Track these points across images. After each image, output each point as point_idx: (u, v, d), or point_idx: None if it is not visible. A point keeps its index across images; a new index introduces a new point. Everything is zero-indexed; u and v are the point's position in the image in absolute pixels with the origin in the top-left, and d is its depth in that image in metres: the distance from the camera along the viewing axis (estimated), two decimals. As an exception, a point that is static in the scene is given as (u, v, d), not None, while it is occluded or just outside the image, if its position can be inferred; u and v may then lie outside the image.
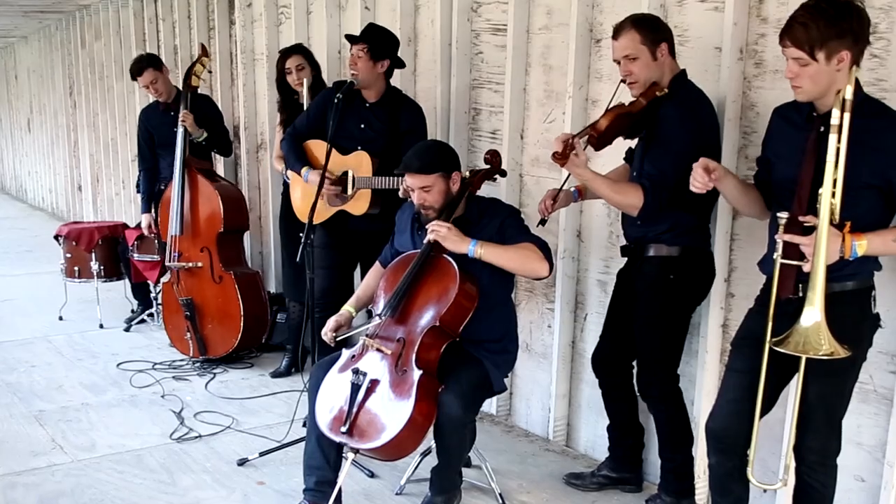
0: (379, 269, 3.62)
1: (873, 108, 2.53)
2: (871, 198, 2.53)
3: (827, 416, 2.64)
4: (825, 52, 2.43)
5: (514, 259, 3.24)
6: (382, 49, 4.25)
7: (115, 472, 3.94)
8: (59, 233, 6.47)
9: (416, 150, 3.38)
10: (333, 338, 3.42)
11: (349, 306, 3.55)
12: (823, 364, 2.49)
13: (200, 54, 5.56)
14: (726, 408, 2.76)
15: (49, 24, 11.85)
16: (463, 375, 3.20)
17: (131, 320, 6.37)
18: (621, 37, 3.19)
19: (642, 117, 3.21)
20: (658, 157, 3.18)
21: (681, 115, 3.15)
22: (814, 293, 2.40)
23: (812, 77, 2.47)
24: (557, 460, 4.12)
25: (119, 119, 9.11)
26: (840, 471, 2.76)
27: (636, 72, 3.18)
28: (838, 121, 2.37)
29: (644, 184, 3.16)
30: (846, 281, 2.57)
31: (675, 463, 3.45)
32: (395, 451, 3.14)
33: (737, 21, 3.25)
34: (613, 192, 3.23)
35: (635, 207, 3.18)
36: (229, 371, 5.35)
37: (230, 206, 5.45)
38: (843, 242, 2.44)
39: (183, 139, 5.43)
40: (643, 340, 3.41)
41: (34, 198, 14.36)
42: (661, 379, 3.40)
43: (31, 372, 5.33)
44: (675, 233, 3.27)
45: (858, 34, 2.45)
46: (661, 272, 3.30)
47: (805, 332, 2.42)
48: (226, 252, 5.44)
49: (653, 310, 3.34)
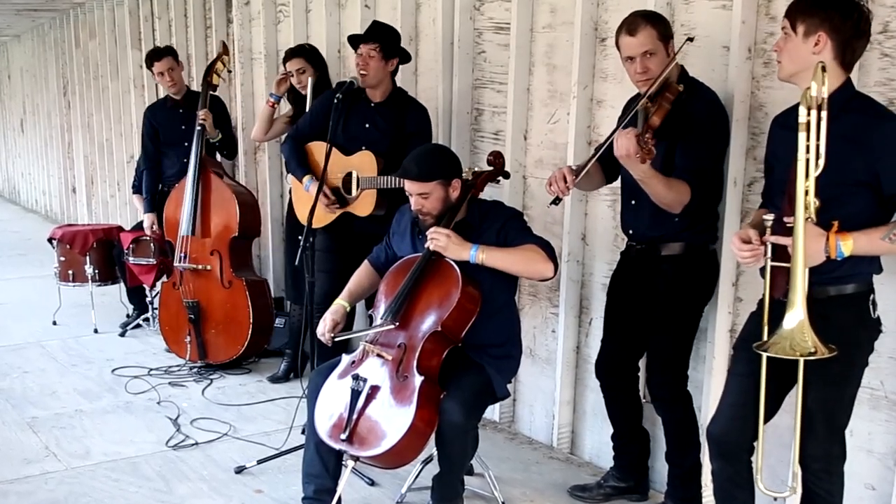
0: (367, 268, 3.62)
1: (861, 104, 2.57)
2: (862, 196, 2.53)
3: (827, 423, 2.64)
4: (804, 28, 2.52)
5: (517, 262, 3.25)
6: (394, 47, 4.27)
7: (109, 480, 3.94)
8: (52, 236, 6.47)
9: (415, 156, 3.37)
10: (332, 338, 3.41)
11: (343, 300, 3.53)
12: (821, 370, 2.50)
13: (221, 52, 5.58)
14: (727, 412, 2.77)
15: (42, 23, 11.88)
16: (465, 381, 3.21)
17: (126, 325, 6.37)
18: (638, 33, 3.17)
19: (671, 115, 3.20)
20: (696, 152, 3.19)
21: (715, 111, 3.22)
22: (794, 294, 2.41)
23: (789, 52, 2.56)
24: (562, 468, 4.12)
25: (114, 119, 9.13)
26: (850, 478, 2.76)
27: (653, 68, 3.17)
28: (805, 118, 2.40)
29: (689, 180, 3.16)
30: (844, 284, 2.58)
31: (683, 469, 3.46)
32: (396, 459, 3.14)
33: (745, 19, 3.25)
34: (668, 189, 3.15)
35: (682, 204, 3.17)
36: (226, 377, 5.35)
37: (246, 210, 5.44)
38: (828, 242, 2.44)
39: (199, 138, 5.44)
40: (659, 340, 3.42)
41: (27, 200, 14.39)
42: (673, 380, 3.41)
43: (24, 378, 5.34)
44: (693, 231, 3.29)
45: (840, 27, 2.50)
46: (673, 271, 3.32)
47: (790, 335, 2.42)
48: (237, 257, 5.43)
49: (673, 308, 3.35)
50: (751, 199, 3.35)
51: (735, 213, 3.37)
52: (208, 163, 5.53)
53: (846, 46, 2.53)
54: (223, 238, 5.39)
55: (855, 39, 2.54)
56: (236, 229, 5.37)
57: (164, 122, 5.91)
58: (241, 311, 5.33)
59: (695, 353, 3.51)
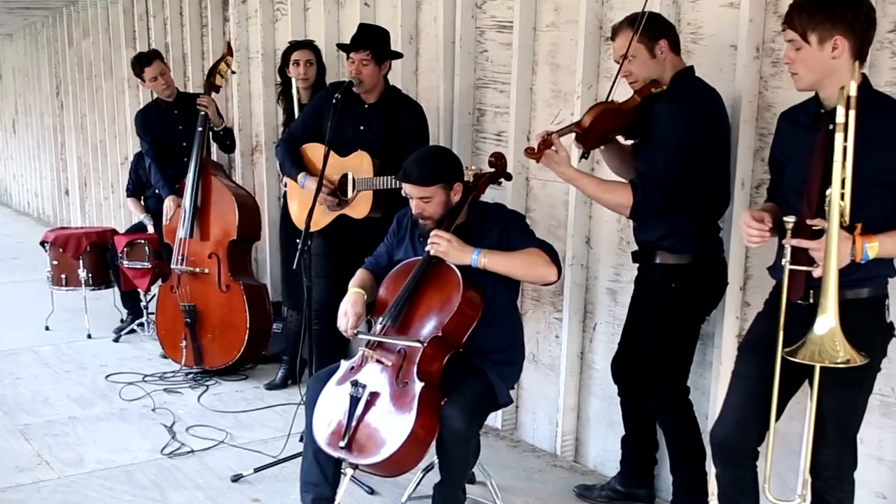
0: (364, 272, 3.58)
1: (882, 104, 2.56)
2: (883, 197, 2.53)
3: (840, 430, 2.64)
4: (817, 36, 2.49)
5: (519, 266, 3.25)
6: (385, 51, 4.28)
7: (103, 488, 3.95)
8: (45, 239, 6.48)
9: (416, 159, 3.37)
10: (355, 334, 3.38)
11: (357, 287, 3.45)
12: (836, 376, 2.50)
13: (225, 53, 5.57)
14: (731, 415, 2.77)
15: (35, 21, 11.90)
16: (466, 387, 3.21)
17: (121, 330, 6.38)
18: (618, 36, 3.25)
19: (639, 116, 3.24)
20: (650, 155, 3.20)
21: (673, 112, 3.17)
22: (826, 299, 2.40)
23: (805, 62, 2.53)
24: (565, 476, 4.12)
25: (108, 120, 9.15)
26: (860, 487, 2.77)
27: (635, 71, 3.23)
28: (843, 119, 2.39)
29: (634, 182, 3.18)
30: (860, 288, 2.58)
31: (687, 479, 3.47)
32: (396, 467, 3.14)
33: (752, 18, 3.26)
34: (601, 192, 3.26)
35: (625, 207, 3.20)
36: (223, 383, 5.36)
37: (246, 213, 5.45)
38: (854, 245, 2.44)
39: (202, 133, 5.43)
40: (648, 351, 3.43)
41: (19, 202, 14.41)
42: (667, 391, 3.42)
43: (15, 384, 5.34)
44: (675, 238, 3.28)
45: (854, 24, 2.48)
46: (665, 281, 3.32)
47: (820, 341, 2.41)
48: (235, 261, 5.44)
49: (656, 320, 3.36)
50: (758, 201, 3.34)
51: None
52: (208, 164, 5.54)
53: (863, 41, 2.52)
54: (222, 241, 5.40)
55: (870, 31, 2.54)
56: (235, 232, 5.38)
57: (159, 124, 5.91)
58: (238, 315, 5.33)
59: (701, 359, 3.52)
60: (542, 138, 3.14)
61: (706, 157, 3.21)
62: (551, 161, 3.16)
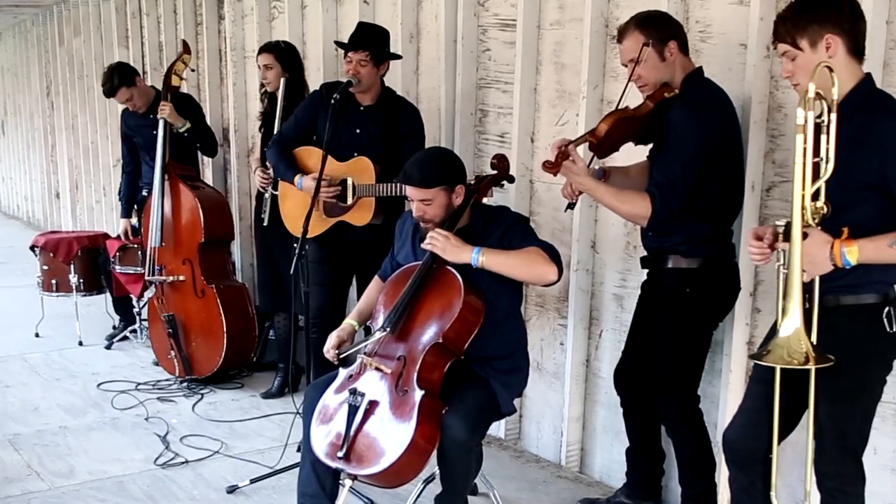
0: (379, 283, 3.64)
1: (874, 103, 2.56)
2: (873, 200, 2.53)
3: (837, 440, 2.64)
4: (808, 40, 2.54)
5: (518, 265, 3.25)
6: (384, 52, 4.29)
7: (95, 500, 3.96)
8: (35, 243, 6.49)
9: (417, 160, 3.38)
10: (336, 355, 3.42)
11: (351, 320, 3.56)
12: (830, 384, 2.52)
13: (182, 51, 5.59)
14: (743, 417, 2.80)
15: (24, 20, 11.93)
16: (468, 396, 3.22)
17: (113, 337, 6.39)
18: (626, 39, 3.24)
19: (651, 121, 3.24)
20: (666, 164, 3.20)
21: (689, 118, 3.17)
22: (790, 302, 2.43)
23: (803, 69, 2.55)
24: (570, 488, 4.12)
25: (100, 121, 9.16)
26: (873, 498, 2.77)
27: (644, 75, 3.23)
28: (802, 120, 2.42)
29: (652, 192, 3.18)
30: (852, 294, 2.58)
31: (696, 490, 3.47)
32: (396, 478, 3.15)
33: (763, 16, 3.26)
34: (619, 202, 3.25)
35: (644, 217, 3.20)
36: (218, 392, 5.37)
37: (211, 213, 5.44)
38: (832, 250, 2.46)
39: (164, 140, 5.42)
40: (659, 358, 3.43)
41: (8, 206, 14.43)
42: (679, 399, 3.42)
43: (5, 393, 5.35)
44: (691, 244, 3.29)
45: (841, 19, 2.52)
46: (679, 285, 3.32)
47: (786, 343, 2.43)
48: (209, 264, 5.45)
49: (670, 325, 3.36)
50: (769, 204, 3.36)
51: (753, 219, 3.37)
52: (173, 167, 5.52)
53: (855, 35, 2.55)
54: (191, 245, 5.41)
55: (860, 22, 2.57)
56: (202, 234, 5.38)
57: (137, 128, 5.92)
58: (215, 319, 5.35)
59: (710, 367, 3.52)
60: (558, 150, 3.14)
61: (721, 162, 3.23)
62: (570, 172, 3.17)
